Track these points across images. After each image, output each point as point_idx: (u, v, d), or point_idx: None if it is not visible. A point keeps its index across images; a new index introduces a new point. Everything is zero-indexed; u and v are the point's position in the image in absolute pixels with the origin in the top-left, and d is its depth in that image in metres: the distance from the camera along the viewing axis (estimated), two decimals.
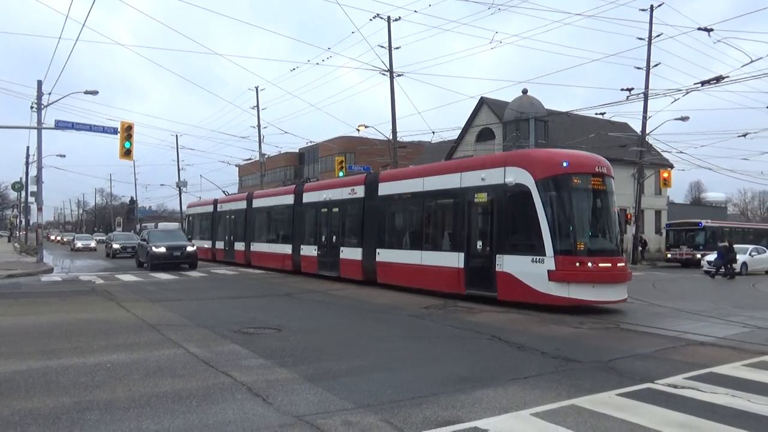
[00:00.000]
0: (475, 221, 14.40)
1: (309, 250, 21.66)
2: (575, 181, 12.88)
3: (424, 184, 16.20)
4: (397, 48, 30.20)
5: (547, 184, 12.67)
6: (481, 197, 13.99)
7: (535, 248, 12.54)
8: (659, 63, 29.42)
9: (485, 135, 37.76)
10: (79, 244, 49.33)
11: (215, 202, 31.95)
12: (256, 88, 45.63)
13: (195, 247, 25.97)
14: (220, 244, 30.31)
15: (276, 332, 9.81)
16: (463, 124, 39.62)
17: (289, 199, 23.70)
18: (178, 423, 5.12)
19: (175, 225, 47.46)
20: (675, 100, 49.57)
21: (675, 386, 6.38)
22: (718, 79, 15.79)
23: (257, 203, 26.86)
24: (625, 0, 24.62)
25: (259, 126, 45.50)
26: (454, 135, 39.83)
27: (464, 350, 8.52)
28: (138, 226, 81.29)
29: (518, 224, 13.20)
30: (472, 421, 5.17)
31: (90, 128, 23.70)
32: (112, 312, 12.24)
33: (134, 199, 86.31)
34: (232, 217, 29.23)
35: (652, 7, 27.87)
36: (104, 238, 58.92)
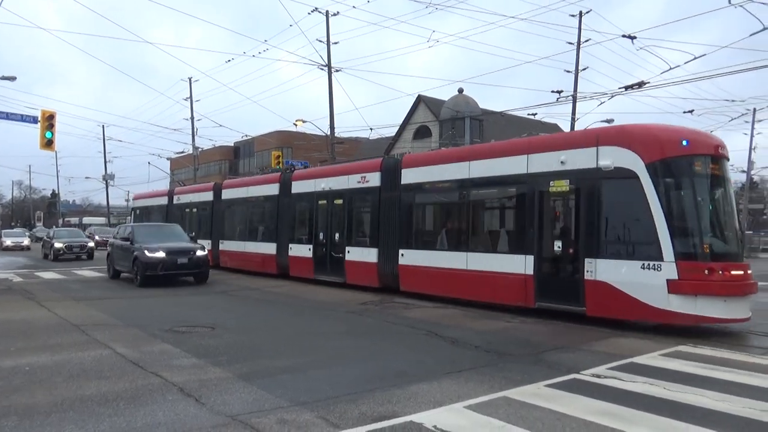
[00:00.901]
0: (550, 216, 11.61)
1: (301, 250, 18.27)
2: (697, 165, 10.20)
3: (471, 170, 12.97)
4: (335, 43, 30.06)
5: (662, 169, 9.99)
6: (560, 186, 11.10)
7: (646, 251, 9.81)
8: (587, 67, 30.68)
9: (422, 132, 38.23)
10: (8, 241, 40.55)
11: (171, 193, 28.36)
12: (190, 79, 44.23)
13: (206, 252, 18.23)
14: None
15: (210, 331, 9.59)
16: (401, 122, 39.97)
17: (273, 189, 20.25)
18: (104, 427, 4.92)
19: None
20: (601, 103, 52.03)
21: (598, 376, 6.71)
22: (641, 85, 16.68)
23: (228, 194, 23.35)
24: (557, 5, 25.60)
25: (192, 118, 44.16)
26: (392, 132, 40.11)
27: (401, 346, 8.62)
28: (60, 221, 77.17)
29: (620, 219, 10.47)
30: (407, 415, 5.25)
31: (7, 116, 22.21)
32: (32, 312, 11.58)
33: (56, 192, 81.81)
34: (194, 210, 25.77)
35: (581, 13, 29.02)
36: (42, 235, 49.74)
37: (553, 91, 26.55)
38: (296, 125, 30.13)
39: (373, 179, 15.74)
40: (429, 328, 9.89)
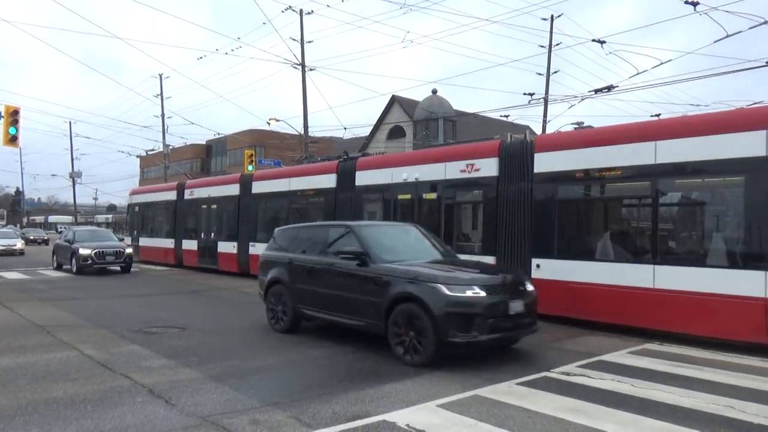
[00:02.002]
0: None
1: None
2: None
3: (658, 153, 9.34)
4: (309, 42, 29.99)
5: None
6: None
7: None
8: (558, 70, 31.26)
9: (396, 132, 38.32)
10: None
11: (181, 188, 24.46)
12: (160, 76, 43.52)
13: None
14: (191, 244, 22.67)
15: (180, 331, 9.45)
16: (374, 121, 40.00)
17: (329, 181, 15.98)
18: (70, 430, 4.82)
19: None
20: (572, 106, 52.85)
21: (568, 374, 6.82)
22: (609, 88, 17.00)
23: (262, 187, 19.10)
24: (530, 8, 25.88)
25: (163, 115, 43.49)
26: (366, 131, 40.11)
27: (374, 345, 8.62)
28: (25, 220, 75.18)
29: None
30: (380, 414, 5.26)
31: None
32: None
33: (20, 189, 79.62)
34: (213, 207, 21.69)
35: (552, 17, 29.45)
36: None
37: (525, 94, 26.92)
38: (269, 124, 29.91)
39: (487, 167, 12.07)
40: None
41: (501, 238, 11.63)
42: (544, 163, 11.02)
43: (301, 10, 28.69)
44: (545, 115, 30.02)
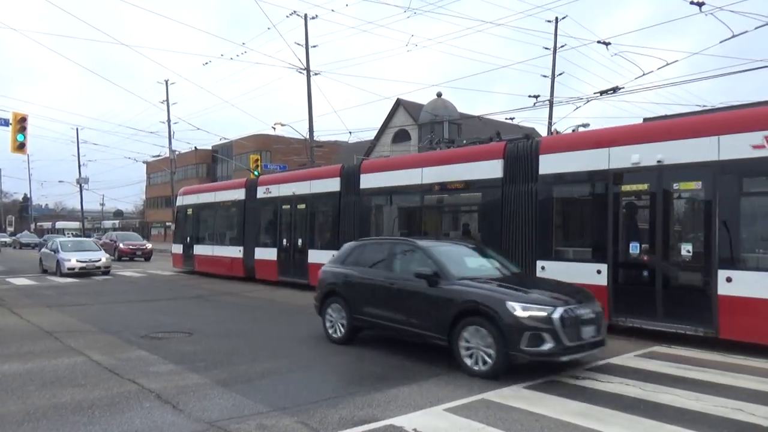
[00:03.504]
0: None
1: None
2: None
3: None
4: (314, 46, 30.02)
5: None
6: None
7: None
8: (563, 72, 31.21)
9: (401, 136, 38.35)
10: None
11: (251, 185, 20.10)
12: (166, 82, 43.79)
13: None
14: (267, 253, 18.59)
15: (187, 336, 9.48)
16: (380, 125, 40.07)
17: (489, 170, 12.14)
18: None
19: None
20: (577, 108, 52.83)
21: (576, 377, 6.80)
22: (615, 90, 16.98)
23: (376, 180, 14.91)
24: (535, 11, 25.87)
25: (169, 121, 43.67)
26: (372, 135, 40.17)
27: (380, 350, 8.61)
28: (33, 226, 75.64)
29: None
30: (387, 419, 5.25)
31: None
32: (3, 319, 11.32)
33: (28, 196, 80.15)
34: (300, 207, 17.52)
35: (556, 18, 29.42)
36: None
37: (530, 96, 26.91)
38: (274, 128, 30.02)
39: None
40: None
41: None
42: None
43: (305, 15, 28.82)
44: (550, 117, 30.00)
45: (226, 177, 65.04)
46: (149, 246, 34.82)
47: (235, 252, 20.16)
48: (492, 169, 12.01)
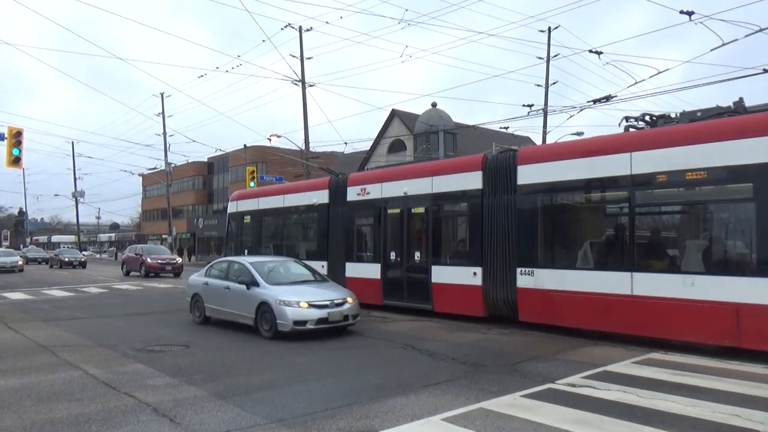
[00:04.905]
0: None
1: None
2: None
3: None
4: (309, 58, 30.20)
5: None
6: None
7: None
8: (557, 81, 31.40)
9: (397, 146, 38.48)
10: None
11: (338, 184, 16.31)
12: (161, 95, 43.92)
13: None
14: (366, 270, 14.94)
15: (184, 349, 9.45)
16: (375, 135, 40.19)
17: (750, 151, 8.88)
18: None
19: None
20: (570, 116, 53.12)
21: (573, 385, 6.80)
22: (608, 98, 17.09)
23: (546, 173, 11.17)
24: (527, 21, 26.11)
25: (164, 134, 43.77)
26: (367, 145, 40.28)
27: (378, 359, 8.62)
28: (28, 240, 75.34)
29: None
30: (385, 429, 5.25)
31: None
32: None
33: (24, 210, 79.96)
34: (420, 211, 13.85)
35: (549, 29, 29.69)
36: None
37: (524, 105, 27.08)
38: (270, 140, 30.07)
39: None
40: (405, 341, 9.91)
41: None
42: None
43: (300, 28, 28.98)
44: (545, 126, 30.17)
45: (223, 189, 65.06)
46: (179, 260, 31.83)
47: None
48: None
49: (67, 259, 41.77)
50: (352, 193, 15.66)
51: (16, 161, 19.64)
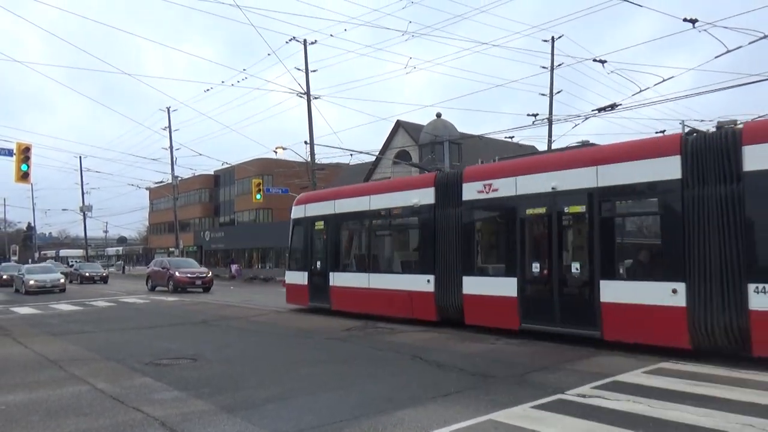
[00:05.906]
0: None
1: None
2: None
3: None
4: (314, 71, 30.38)
5: None
6: None
7: None
8: (561, 90, 31.40)
9: (402, 157, 38.52)
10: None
11: (447, 181, 13.70)
12: (168, 109, 44.28)
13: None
14: (486, 286, 12.29)
15: (191, 362, 9.44)
16: (380, 146, 40.29)
17: None
18: None
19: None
20: (575, 125, 53.15)
21: (583, 396, 6.74)
22: (613, 107, 17.11)
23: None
24: (532, 31, 26.18)
25: (171, 147, 44.05)
26: (372, 157, 40.36)
27: (386, 371, 8.57)
28: (37, 254, 75.74)
29: None
30: None
31: None
32: (7, 348, 11.29)
33: (32, 225, 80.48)
34: (572, 213, 10.99)
35: (553, 38, 29.80)
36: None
37: (528, 114, 27.08)
38: (276, 152, 30.20)
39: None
40: (414, 353, 9.86)
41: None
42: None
43: (305, 41, 29.21)
44: (550, 135, 30.17)
45: (229, 201, 65.35)
46: (209, 274, 29.21)
47: (420, 283, 13.60)
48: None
49: (88, 274, 39.17)
50: (471, 191, 12.78)
51: (24, 177, 19.80)
